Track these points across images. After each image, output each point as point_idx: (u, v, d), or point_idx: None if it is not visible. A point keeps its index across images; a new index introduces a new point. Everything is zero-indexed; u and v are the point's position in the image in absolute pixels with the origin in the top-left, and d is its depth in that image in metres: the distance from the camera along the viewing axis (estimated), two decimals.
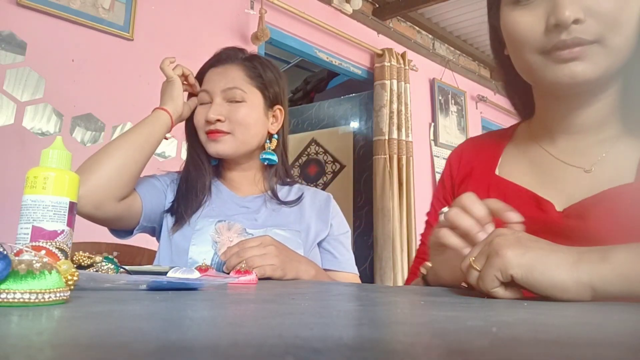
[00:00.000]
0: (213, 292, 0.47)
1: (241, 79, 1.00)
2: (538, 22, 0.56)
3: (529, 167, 0.67)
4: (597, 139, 0.63)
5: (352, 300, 0.42)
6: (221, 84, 0.99)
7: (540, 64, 0.57)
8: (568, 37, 0.54)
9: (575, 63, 0.55)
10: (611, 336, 0.24)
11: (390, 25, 3.47)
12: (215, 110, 0.97)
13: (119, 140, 0.89)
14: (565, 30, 0.54)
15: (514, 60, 0.64)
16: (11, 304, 0.28)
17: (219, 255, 0.91)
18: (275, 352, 0.17)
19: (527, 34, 0.57)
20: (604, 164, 0.61)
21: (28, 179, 0.56)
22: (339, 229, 1.07)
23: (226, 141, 0.98)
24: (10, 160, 1.69)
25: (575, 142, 0.64)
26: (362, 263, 3.22)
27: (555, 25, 0.54)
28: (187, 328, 0.23)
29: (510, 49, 0.63)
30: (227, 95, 0.98)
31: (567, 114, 0.63)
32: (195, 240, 0.93)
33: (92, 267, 0.54)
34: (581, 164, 0.62)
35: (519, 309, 0.35)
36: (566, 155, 0.64)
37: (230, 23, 2.46)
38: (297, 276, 0.83)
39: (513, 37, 0.60)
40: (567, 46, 0.54)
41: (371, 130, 3.25)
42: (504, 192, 0.66)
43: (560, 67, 0.55)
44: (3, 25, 1.72)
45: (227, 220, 0.97)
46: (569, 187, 0.62)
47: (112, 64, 1.99)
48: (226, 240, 0.93)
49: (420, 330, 0.24)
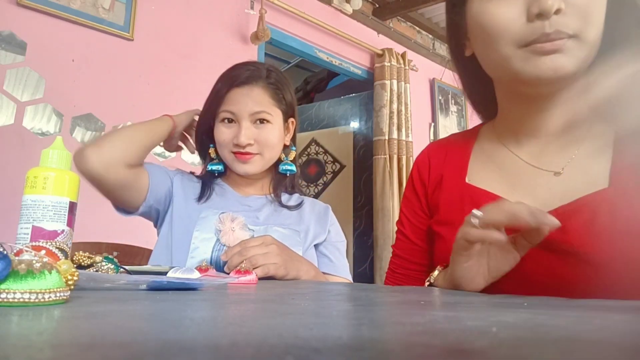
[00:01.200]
0: (213, 292, 0.47)
1: (267, 102, 1.02)
2: (518, 13, 0.55)
3: (498, 173, 0.66)
4: (563, 141, 0.62)
5: (352, 300, 0.42)
6: (248, 107, 1.00)
7: (519, 57, 0.56)
8: (550, 29, 0.53)
9: (557, 56, 0.54)
10: (611, 336, 0.24)
11: (390, 25, 3.47)
12: (247, 134, 0.99)
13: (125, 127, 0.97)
14: (548, 20, 0.53)
15: (483, 55, 0.62)
16: (11, 304, 0.28)
17: (221, 242, 0.94)
18: (275, 352, 0.17)
19: (505, 24, 0.56)
20: (573, 167, 0.60)
21: (28, 179, 0.56)
22: (336, 237, 1.10)
23: (255, 162, 1.02)
24: (10, 160, 1.69)
25: (541, 145, 0.63)
26: (362, 263, 3.23)
27: (538, 14, 0.53)
28: (187, 328, 0.23)
29: (481, 44, 0.61)
30: (254, 117, 1.00)
31: (532, 116, 0.63)
32: (199, 227, 0.96)
33: (92, 267, 0.54)
34: (550, 167, 0.61)
35: (519, 309, 0.35)
36: (534, 158, 0.63)
37: (230, 23, 2.46)
38: (298, 276, 0.83)
39: (488, 30, 0.58)
40: (549, 39, 0.53)
41: (371, 130, 3.25)
42: (477, 201, 0.64)
43: (542, 59, 0.55)
44: (3, 25, 1.72)
45: (230, 212, 0.99)
46: (541, 192, 0.61)
47: (112, 64, 1.99)
48: (228, 229, 0.95)
49: (420, 330, 0.24)
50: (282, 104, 1.04)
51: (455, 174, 0.70)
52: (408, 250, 0.76)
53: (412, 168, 0.80)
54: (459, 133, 0.79)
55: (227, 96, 1.02)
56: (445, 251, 0.66)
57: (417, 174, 0.77)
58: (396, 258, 0.78)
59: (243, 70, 1.03)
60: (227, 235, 0.94)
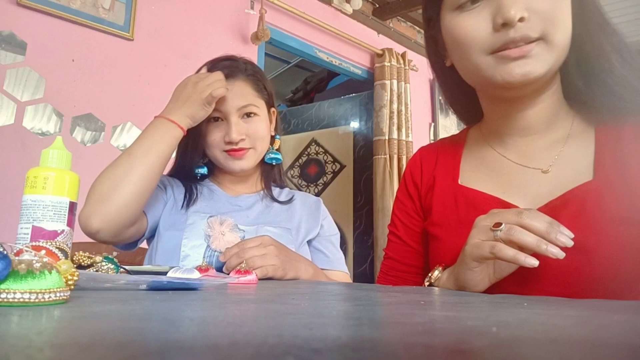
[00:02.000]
0: (213, 292, 0.47)
1: (251, 94, 1.01)
2: (485, 24, 0.58)
3: (488, 174, 0.68)
4: (548, 139, 0.64)
5: (352, 300, 0.42)
6: (235, 102, 0.98)
7: (490, 64, 0.59)
8: (516, 34, 0.55)
9: (524, 61, 0.56)
10: (611, 336, 0.24)
11: (391, 25, 3.47)
12: (238, 130, 0.97)
13: (134, 160, 0.84)
14: (512, 28, 0.55)
15: (460, 65, 0.65)
16: (11, 304, 0.28)
17: (211, 248, 0.92)
18: (275, 352, 0.17)
19: (474, 35, 0.59)
20: (560, 164, 0.62)
21: (28, 179, 0.56)
22: (329, 230, 1.10)
23: (249, 157, 1.00)
24: (10, 160, 1.69)
25: (526, 144, 0.66)
26: (362, 263, 3.22)
27: (503, 24, 0.56)
28: (187, 328, 0.23)
29: (456, 55, 0.64)
30: (241, 112, 0.99)
31: (515, 116, 0.65)
32: (187, 234, 0.93)
33: (92, 267, 0.54)
34: (537, 165, 0.64)
35: (519, 309, 0.34)
36: (520, 157, 0.66)
37: (230, 23, 2.46)
38: (297, 275, 0.83)
39: (460, 41, 0.61)
40: (515, 44, 0.56)
41: (371, 130, 3.25)
42: (471, 201, 0.66)
43: (510, 65, 0.57)
44: (3, 25, 1.72)
45: (219, 215, 0.97)
46: (531, 189, 0.63)
47: (112, 64, 1.99)
48: (218, 233, 0.94)
49: (420, 330, 0.24)
50: (264, 94, 1.04)
51: (448, 176, 0.72)
52: (401, 252, 0.77)
53: (405, 172, 0.81)
54: (447, 138, 0.82)
55: None
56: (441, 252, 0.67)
57: (410, 176, 0.79)
58: (388, 260, 0.79)
59: (221, 66, 1.00)
60: (217, 240, 0.93)
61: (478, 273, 0.55)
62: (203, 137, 0.99)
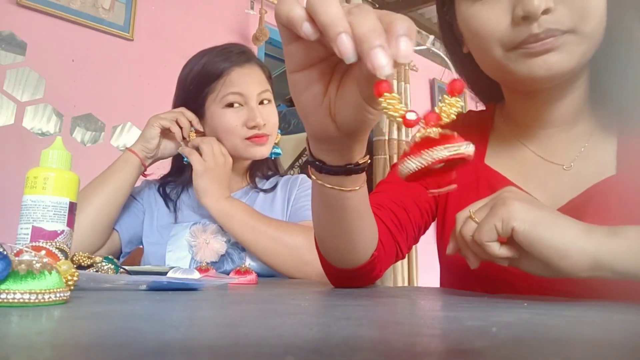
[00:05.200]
0: (213, 292, 0.47)
1: (265, 81, 1.00)
2: (503, 15, 0.52)
3: (511, 163, 0.64)
4: (571, 134, 0.60)
5: (352, 300, 0.42)
6: (254, 87, 0.96)
7: (510, 59, 0.53)
8: (539, 29, 0.49)
9: (550, 54, 0.50)
10: (611, 336, 0.24)
11: None
12: (262, 115, 0.94)
13: (90, 192, 0.86)
14: (536, 22, 0.49)
15: (478, 57, 0.59)
16: (11, 304, 0.28)
17: (196, 259, 0.90)
18: (275, 352, 0.17)
19: (491, 28, 0.52)
20: (583, 161, 0.59)
21: (28, 179, 0.56)
22: (303, 185, 1.04)
23: (269, 143, 0.98)
24: (10, 160, 1.69)
25: (549, 138, 0.62)
26: None
27: (524, 17, 0.49)
28: (187, 328, 0.23)
29: (473, 47, 0.58)
30: (260, 98, 0.97)
31: (538, 109, 0.61)
32: (171, 247, 0.92)
33: (92, 267, 0.54)
34: (559, 160, 0.60)
35: (519, 309, 0.35)
36: (542, 150, 0.62)
37: (230, 23, 2.46)
38: None
39: (475, 34, 0.55)
40: (539, 39, 0.50)
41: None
42: (492, 183, 0.62)
43: (533, 60, 0.51)
44: (3, 25, 1.72)
45: (202, 222, 0.95)
46: (551, 185, 0.59)
47: (112, 64, 1.99)
48: (202, 242, 0.92)
49: (420, 330, 0.24)
50: (270, 83, 1.03)
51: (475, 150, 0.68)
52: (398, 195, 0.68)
53: None
54: (475, 112, 0.76)
55: (230, 77, 0.94)
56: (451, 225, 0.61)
57: None
58: (378, 195, 0.68)
59: (236, 50, 0.99)
60: (201, 250, 0.90)
61: None
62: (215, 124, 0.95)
